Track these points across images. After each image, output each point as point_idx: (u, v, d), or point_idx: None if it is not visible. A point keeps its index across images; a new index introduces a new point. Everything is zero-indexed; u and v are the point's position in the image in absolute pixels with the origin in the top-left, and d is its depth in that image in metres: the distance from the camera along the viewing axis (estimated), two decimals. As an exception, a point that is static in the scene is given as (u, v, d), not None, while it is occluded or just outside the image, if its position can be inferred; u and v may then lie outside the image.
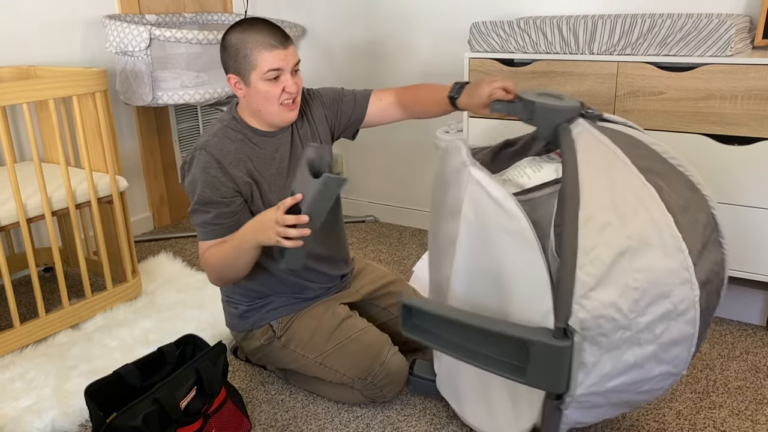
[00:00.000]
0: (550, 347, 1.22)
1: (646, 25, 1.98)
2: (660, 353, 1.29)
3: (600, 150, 1.34)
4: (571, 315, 1.22)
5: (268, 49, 1.56)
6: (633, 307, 1.24)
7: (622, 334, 1.24)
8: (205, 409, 1.56)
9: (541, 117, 1.41)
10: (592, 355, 1.25)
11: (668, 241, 1.26)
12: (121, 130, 3.01)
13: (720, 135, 1.97)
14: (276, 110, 1.62)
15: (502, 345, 1.30)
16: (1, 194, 2.08)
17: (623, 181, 1.30)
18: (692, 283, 1.28)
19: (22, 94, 1.93)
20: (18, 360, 1.99)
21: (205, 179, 1.60)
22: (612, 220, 1.25)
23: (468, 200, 1.38)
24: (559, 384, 1.25)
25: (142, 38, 2.52)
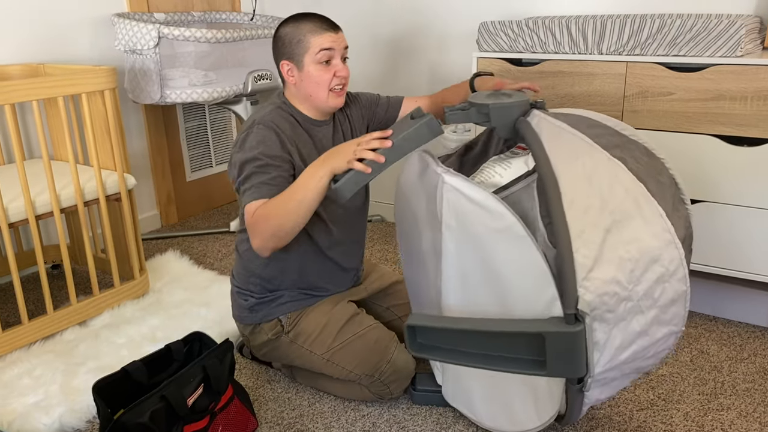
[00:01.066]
0: (566, 335, 1.24)
1: (655, 25, 1.98)
2: (661, 315, 1.34)
3: (563, 136, 1.39)
4: (578, 299, 1.24)
5: (320, 32, 1.64)
6: (630, 278, 1.28)
7: (625, 306, 1.28)
8: (212, 406, 1.56)
9: (496, 117, 1.46)
10: (603, 332, 1.28)
11: (646, 209, 1.32)
12: (130, 129, 3.02)
13: (729, 136, 1.96)
14: (325, 96, 1.67)
15: (515, 344, 1.31)
16: (10, 191, 2.09)
17: (592, 161, 1.35)
18: (675, 243, 1.34)
19: (31, 91, 1.94)
20: (26, 356, 2.00)
21: (265, 144, 1.59)
22: (593, 201, 1.29)
23: (447, 208, 1.39)
24: (579, 369, 1.28)
25: (151, 36, 2.53)
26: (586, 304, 1.24)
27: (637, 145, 1.46)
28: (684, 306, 1.37)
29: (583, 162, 1.33)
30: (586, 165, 1.33)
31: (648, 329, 1.33)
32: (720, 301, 2.20)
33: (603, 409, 1.75)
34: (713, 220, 2.04)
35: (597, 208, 1.29)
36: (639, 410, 1.74)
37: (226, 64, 2.82)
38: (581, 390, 1.35)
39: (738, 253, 2.03)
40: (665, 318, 1.35)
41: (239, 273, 1.82)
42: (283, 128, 1.65)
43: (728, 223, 2.02)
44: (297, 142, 1.67)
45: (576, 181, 1.31)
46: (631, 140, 1.47)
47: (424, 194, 1.48)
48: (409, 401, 1.80)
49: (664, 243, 1.32)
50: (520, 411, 1.50)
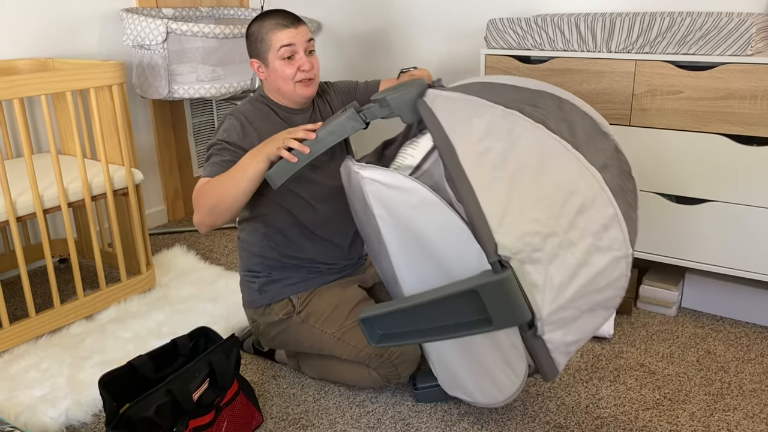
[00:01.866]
0: (495, 283, 1.26)
1: (665, 23, 1.97)
2: (597, 243, 1.34)
3: (456, 104, 1.43)
4: (497, 245, 1.26)
5: (280, 28, 1.70)
6: (548, 214, 1.29)
7: (553, 242, 1.29)
8: (217, 401, 1.56)
9: (397, 105, 1.50)
10: (538, 273, 1.29)
11: (549, 146, 1.34)
12: (137, 124, 3.03)
13: (739, 135, 1.95)
14: (292, 88, 1.74)
15: (459, 307, 1.33)
16: (18, 185, 2.10)
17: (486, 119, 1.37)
18: (589, 169, 1.34)
19: (40, 86, 1.95)
20: (33, 349, 2.01)
21: (228, 132, 1.71)
22: (492, 154, 1.33)
23: (373, 201, 1.45)
24: (522, 314, 1.28)
25: (159, 32, 2.53)
26: (506, 249, 1.26)
27: (540, 94, 1.49)
28: (620, 229, 1.36)
29: (477, 122, 1.37)
30: (481, 124, 1.37)
31: (588, 259, 1.33)
32: (727, 301, 2.19)
33: (608, 408, 1.75)
34: (722, 220, 2.03)
35: (497, 160, 1.32)
36: (645, 410, 1.74)
37: (234, 60, 2.82)
38: (536, 335, 1.36)
39: (746, 253, 2.02)
40: (603, 245, 1.34)
41: (243, 259, 1.88)
42: (253, 118, 1.74)
43: (737, 223, 2.01)
44: (268, 131, 1.74)
45: (472, 141, 1.34)
46: (535, 91, 1.50)
47: (356, 198, 1.56)
48: (414, 398, 1.80)
49: (576, 173, 1.33)
50: (500, 375, 1.53)
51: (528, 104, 1.43)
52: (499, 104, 1.40)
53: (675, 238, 2.12)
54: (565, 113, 1.45)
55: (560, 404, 1.77)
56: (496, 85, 1.52)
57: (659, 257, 2.17)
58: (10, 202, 1.94)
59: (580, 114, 1.48)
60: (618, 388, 1.83)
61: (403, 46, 3.03)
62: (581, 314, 1.38)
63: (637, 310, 2.26)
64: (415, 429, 1.68)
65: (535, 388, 1.83)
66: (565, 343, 1.40)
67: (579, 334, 1.41)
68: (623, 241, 1.36)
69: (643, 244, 2.19)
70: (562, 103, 1.49)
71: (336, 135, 1.52)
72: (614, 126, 2.14)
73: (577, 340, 1.42)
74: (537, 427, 1.68)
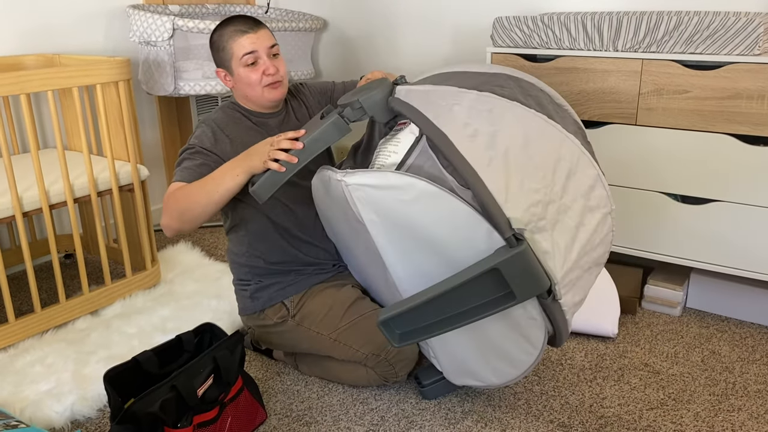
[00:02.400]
0: (515, 257, 1.30)
1: (672, 22, 1.96)
2: (587, 203, 1.42)
3: (431, 96, 1.45)
4: (509, 220, 1.31)
5: (239, 35, 1.69)
6: (544, 183, 1.36)
7: (552, 208, 1.36)
8: (221, 397, 1.57)
9: (370, 106, 1.50)
10: (545, 240, 1.34)
11: (530, 120, 1.40)
12: (143, 120, 3.03)
13: (746, 135, 1.94)
14: (260, 93, 1.73)
15: (478, 289, 1.35)
16: (24, 180, 2.10)
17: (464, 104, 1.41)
18: (568, 137, 1.42)
19: (47, 81, 1.95)
20: (38, 344, 2.01)
21: (200, 138, 1.71)
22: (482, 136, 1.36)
23: (362, 207, 1.44)
24: (542, 282, 1.33)
25: (165, 28, 2.54)
26: (519, 222, 1.31)
27: (499, 76, 1.54)
28: (602, 186, 1.45)
29: (457, 108, 1.40)
30: (461, 109, 1.40)
31: (582, 220, 1.41)
32: (733, 302, 2.19)
33: (612, 407, 1.74)
34: (728, 220, 2.02)
35: (488, 140, 1.36)
36: (649, 409, 1.74)
37: (240, 57, 2.82)
38: (555, 299, 1.40)
39: (752, 254, 2.01)
40: (592, 204, 1.43)
41: (232, 269, 1.90)
42: (224, 125, 1.74)
43: (743, 223, 2.00)
44: (240, 136, 1.73)
45: (460, 126, 1.37)
46: (494, 74, 1.55)
47: (337, 208, 1.55)
48: (418, 396, 1.80)
49: (558, 141, 1.40)
50: (515, 351, 1.54)
51: (494, 85, 1.48)
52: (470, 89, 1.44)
53: (680, 238, 2.12)
54: (526, 90, 1.51)
55: (564, 403, 1.76)
56: (457, 74, 1.57)
57: (664, 257, 2.16)
58: (16, 197, 1.95)
59: (538, 90, 1.55)
60: (622, 387, 1.83)
61: (409, 43, 3.03)
62: (583, 273, 1.45)
63: (642, 310, 2.26)
64: (418, 427, 1.68)
65: (538, 387, 1.83)
66: (574, 303, 1.47)
67: (582, 293, 1.48)
68: (607, 197, 1.46)
69: (648, 244, 2.19)
70: (520, 82, 1.55)
71: (322, 142, 1.51)
72: (620, 125, 2.13)
73: (581, 300, 1.49)
74: (541, 426, 1.68)
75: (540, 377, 1.88)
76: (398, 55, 3.07)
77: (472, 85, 1.46)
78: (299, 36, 3.01)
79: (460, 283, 1.34)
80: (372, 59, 3.16)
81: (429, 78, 1.59)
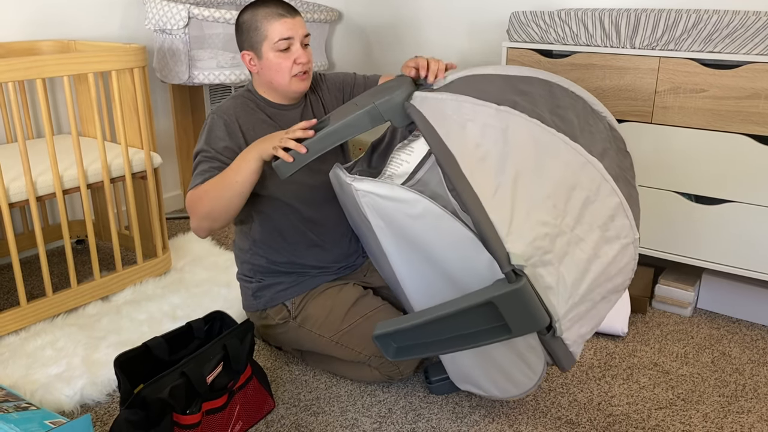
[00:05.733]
0: (511, 293, 1.23)
1: (691, 20, 1.94)
2: (604, 234, 1.32)
3: (446, 107, 1.38)
4: (510, 255, 1.23)
5: (277, 18, 1.63)
6: (554, 213, 1.27)
7: (561, 241, 1.27)
8: (230, 385, 1.57)
9: (386, 111, 1.45)
10: (550, 275, 1.26)
11: (547, 142, 1.30)
12: (156, 108, 3.04)
13: (762, 136, 1.92)
14: (287, 82, 1.68)
15: (475, 317, 1.31)
16: (38, 165, 2.11)
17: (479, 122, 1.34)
18: (590, 161, 1.31)
19: (62, 67, 1.96)
20: (49, 328, 2.03)
21: (214, 133, 1.67)
22: (491, 159, 1.30)
23: (369, 212, 1.42)
24: (540, 319, 1.26)
25: (181, 17, 2.54)
26: (519, 257, 1.23)
27: (529, 80, 1.46)
28: (626, 216, 1.34)
29: (471, 126, 1.33)
30: (475, 127, 1.33)
31: (597, 252, 1.32)
32: (744, 303, 2.17)
33: (621, 406, 1.74)
34: (741, 221, 2.00)
35: (497, 164, 1.29)
36: (657, 409, 1.73)
37: (254, 47, 2.82)
38: (554, 336, 1.34)
39: (765, 256, 1.99)
40: (610, 235, 1.33)
41: (237, 263, 1.89)
42: (237, 116, 1.69)
43: (757, 225, 1.98)
44: (253, 128, 1.69)
45: (470, 147, 1.31)
46: (523, 78, 1.46)
47: (350, 205, 1.53)
48: (426, 389, 1.80)
49: (577, 167, 1.30)
50: (516, 373, 1.52)
51: (519, 95, 1.40)
52: (489, 101, 1.36)
53: (693, 238, 2.10)
54: (556, 99, 1.43)
55: (572, 400, 1.76)
56: (485, 77, 1.48)
57: (676, 257, 2.15)
58: (30, 181, 1.96)
59: (571, 97, 1.46)
60: (631, 386, 1.82)
61: (424, 37, 3.01)
62: (595, 305, 1.38)
63: (652, 310, 2.24)
64: (426, 420, 1.68)
65: (547, 384, 1.83)
66: (581, 335, 1.39)
67: (593, 323, 1.41)
68: (630, 227, 1.35)
69: (660, 243, 2.17)
70: (551, 87, 1.46)
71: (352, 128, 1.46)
72: (635, 123, 2.12)
73: (591, 329, 1.41)
74: (548, 423, 1.67)
75: (548, 374, 1.87)
76: (413, 48, 3.06)
77: (494, 95, 1.39)
78: (314, 27, 3.00)
79: (456, 311, 1.30)
80: (386, 52, 3.15)
81: (453, 82, 1.49)
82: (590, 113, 1.46)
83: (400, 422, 1.67)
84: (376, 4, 3.12)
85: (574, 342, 1.38)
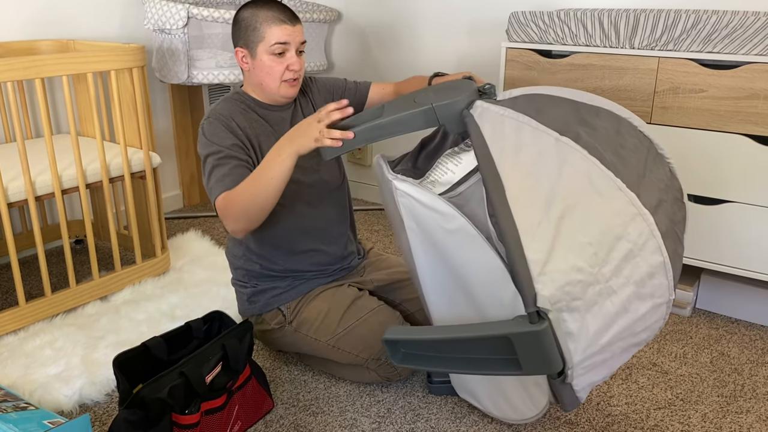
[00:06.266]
0: (530, 334, 1.20)
1: (690, 20, 1.94)
2: (639, 291, 1.26)
3: (506, 126, 1.32)
4: (537, 297, 1.18)
5: (277, 23, 1.63)
6: (593, 261, 1.21)
7: (593, 290, 1.22)
8: (229, 385, 1.57)
9: (443, 116, 1.39)
10: (574, 321, 1.22)
11: (602, 185, 1.25)
12: (155, 108, 3.04)
13: (761, 136, 1.93)
14: (277, 86, 1.68)
15: (489, 345, 1.27)
16: (37, 165, 2.11)
17: (536, 148, 1.28)
18: (642, 214, 1.25)
19: (61, 66, 1.96)
20: (48, 328, 2.02)
21: (218, 135, 1.65)
22: (540, 192, 1.24)
23: (405, 212, 1.39)
24: (554, 364, 1.23)
25: (180, 16, 2.54)
26: (546, 300, 1.18)
27: (599, 112, 1.39)
28: (666, 276, 1.28)
29: (527, 152, 1.28)
30: (530, 154, 1.28)
31: (627, 307, 1.26)
32: (743, 304, 2.18)
33: (620, 406, 1.74)
34: (741, 221, 2.01)
35: (546, 198, 1.23)
36: (656, 409, 1.73)
37: (254, 47, 2.82)
38: (564, 382, 1.30)
39: (764, 256, 2.00)
40: (645, 292, 1.27)
41: (231, 268, 1.89)
42: (232, 116, 1.68)
43: (756, 225, 1.99)
44: (249, 127, 1.69)
45: (520, 175, 1.26)
46: (591, 107, 1.40)
47: (388, 196, 1.48)
48: (425, 389, 1.80)
49: (628, 217, 1.24)
50: (516, 400, 1.51)
51: (584, 126, 1.32)
52: (552, 128, 1.30)
53: (692, 238, 2.10)
54: (622, 138, 1.35)
55: (571, 400, 1.76)
56: (552, 99, 1.41)
57: (675, 257, 2.15)
58: (29, 181, 1.95)
59: (638, 137, 1.38)
60: (630, 386, 1.82)
61: (424, 36, 3.01)
62: (613, 356, 1.33)
63: (651, 310, 2.24)
64: (425, 420, 1.68)
65: (546, 384, 1.83)
66: (591, 383, 1.35)
67: (606, 372, 1.37)
68: (667, 287, 1.29)
69: (659, 244, 2.17)
70: (620, 124, 1.38)
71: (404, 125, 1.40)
72: (634, 123, 2.12)
73: (603, 377, 1.37)
74: (547, 422, 1.68)
75: (547, 374, 1.87)
76: (413, 48, 3.06)
77: (558, 121, 1.33)
78: (313, 27, 3.00)
79: (472, 336, 1.27)
80: (386, 52, 3.15)
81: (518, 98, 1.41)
82: (654, 157, 1.38)
83: (399, 422, 1.67)
84: (376, 4, 3.12)
85: (582, 389, 1.34)
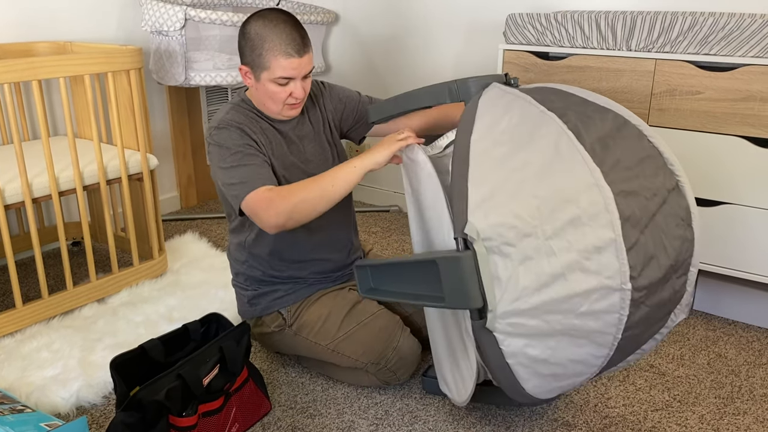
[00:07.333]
0: (453, 260, 1.26)
1: (687, 22, 1.95)
2: (583, 262, 1.22)
3: (504, 98, 1.40)
4: (466, 224, 1.25)
5: (284, 56, 1.57)
6: (534, 214, 1.23)
7: (529, 243, 1.23)
8: (227, 387, 1.57)
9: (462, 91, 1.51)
10: (505, 268, 1.24)
11: (566, 152, 1.27)
12: (153, 110, 3.04)
13: (758, 138, 1.93)
14: (279, 109, 1.68)
15: (425, 275, 1.35)
16: (34, 167, 2.11)
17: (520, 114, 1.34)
18: (600, 186, 1.23)
19: (59, 68, 1.96)
20: (45, 330, 2.02)
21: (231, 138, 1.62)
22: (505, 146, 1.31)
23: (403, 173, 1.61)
24: (473, 299, 1.26)
25: (177, 18, 2.54)
26: (476, 231, 1.24)
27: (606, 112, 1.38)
28: (616, 257, 1.21)
29: (509, 117, 1.34)
30: (511, 119, 1.34)
31: (567, 275, 1.22)
32: (740, 305, 2.18)
33: (617, 408, 1.74)
34: (738, 223, 2.01)
35: (508, 152, 1.29)
36: (654, 411, 1.73)
37: (251, 49, 2.81)
38: (485, 327, 1.28)
39: (761, 257, 2.00)
40: (589, 266, 1.22)
41: (231, 269, 1.89)
42: (241, 123, 1.65)
43: (753, 227, 1.99)
44: (261, 134, 1.68)
45: (494, 128, 1.33)
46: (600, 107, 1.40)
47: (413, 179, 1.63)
48: (422, 391, 1.80)
49: (583, 185, 1.23)
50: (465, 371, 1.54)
51: (579, 116, 1.33)
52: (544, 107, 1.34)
53: (689, 240, 2.11)
54: (619, 135, 1.34)
55: (568, 402, 1.76)
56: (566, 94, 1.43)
57: (672, 258, 2.15)
58: (26, 183, 1.95)
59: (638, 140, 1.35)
60: (627, 388, 1.83)
61: (421, 38, 3.02)
62: (553, 332, 1.27)
63: (648, 311, 2.25)
64: (422, 422, 1.68)
65: (543, 386, 1.83)
66: (528, 356, 1.30)
67: (550, 353, 1.30)
68: (618, 271, 1.21)
69: (656, 245, 2.18)
70: (625, 125, 1.37)
71: None
72: (631, 125, 2.12)
73: (546, 360, 1.31)
74: (545, 424, 1.68)
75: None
76: (410, 50, 3.07)
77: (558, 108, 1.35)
78: (310, 29, 3.00)
79: (411, 262, 1.38)
80: (383, 54, 3.16)
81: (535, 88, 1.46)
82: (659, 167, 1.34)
83: (397, 424, 1.67)
84: (373, 6, 3.12)
85: (514, 356, 1.31)
